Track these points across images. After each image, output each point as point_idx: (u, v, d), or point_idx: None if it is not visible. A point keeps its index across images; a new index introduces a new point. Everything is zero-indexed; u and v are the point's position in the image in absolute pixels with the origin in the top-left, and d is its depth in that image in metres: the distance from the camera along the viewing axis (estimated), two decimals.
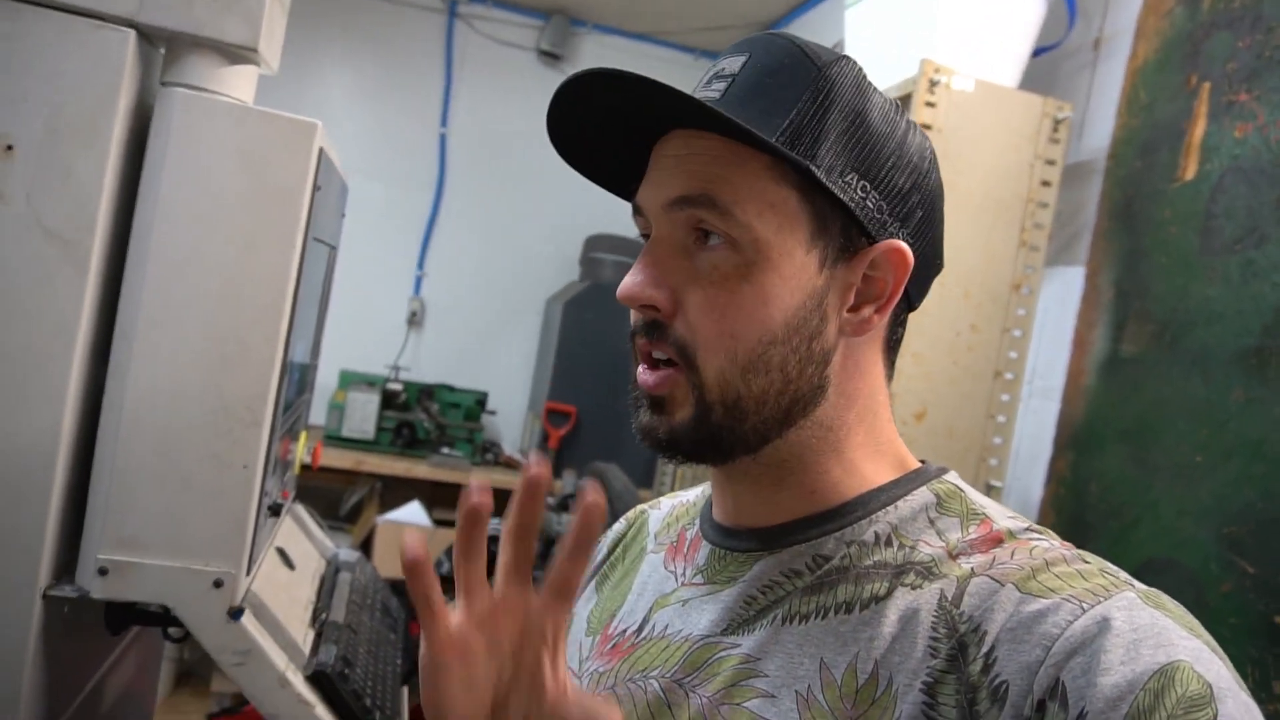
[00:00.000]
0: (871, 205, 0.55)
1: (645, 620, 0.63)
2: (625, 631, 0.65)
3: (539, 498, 0.47)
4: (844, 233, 0.55)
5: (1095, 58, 1.71)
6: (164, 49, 0.91)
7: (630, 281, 0.56)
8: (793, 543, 0.57)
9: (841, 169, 0.54)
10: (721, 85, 0.56)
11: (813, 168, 0.53)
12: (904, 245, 0.56)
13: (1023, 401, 1.71)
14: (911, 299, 0.59)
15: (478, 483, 0.47)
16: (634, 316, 0.58)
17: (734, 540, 0.61)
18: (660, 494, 3.43)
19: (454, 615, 0.48)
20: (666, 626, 0.61)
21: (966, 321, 1.61)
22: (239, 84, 0.91)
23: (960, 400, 1.61)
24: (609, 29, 3.66)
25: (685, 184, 0.55)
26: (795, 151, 0.53)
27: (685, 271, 0.55)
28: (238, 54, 0.89)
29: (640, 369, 0.58)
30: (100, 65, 0.83)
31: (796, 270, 0.54)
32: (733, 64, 0.56)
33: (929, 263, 0.59)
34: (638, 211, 0.59)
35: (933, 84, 1.54)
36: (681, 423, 0.56)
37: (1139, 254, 1.51)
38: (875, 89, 0.57)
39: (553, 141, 0.61)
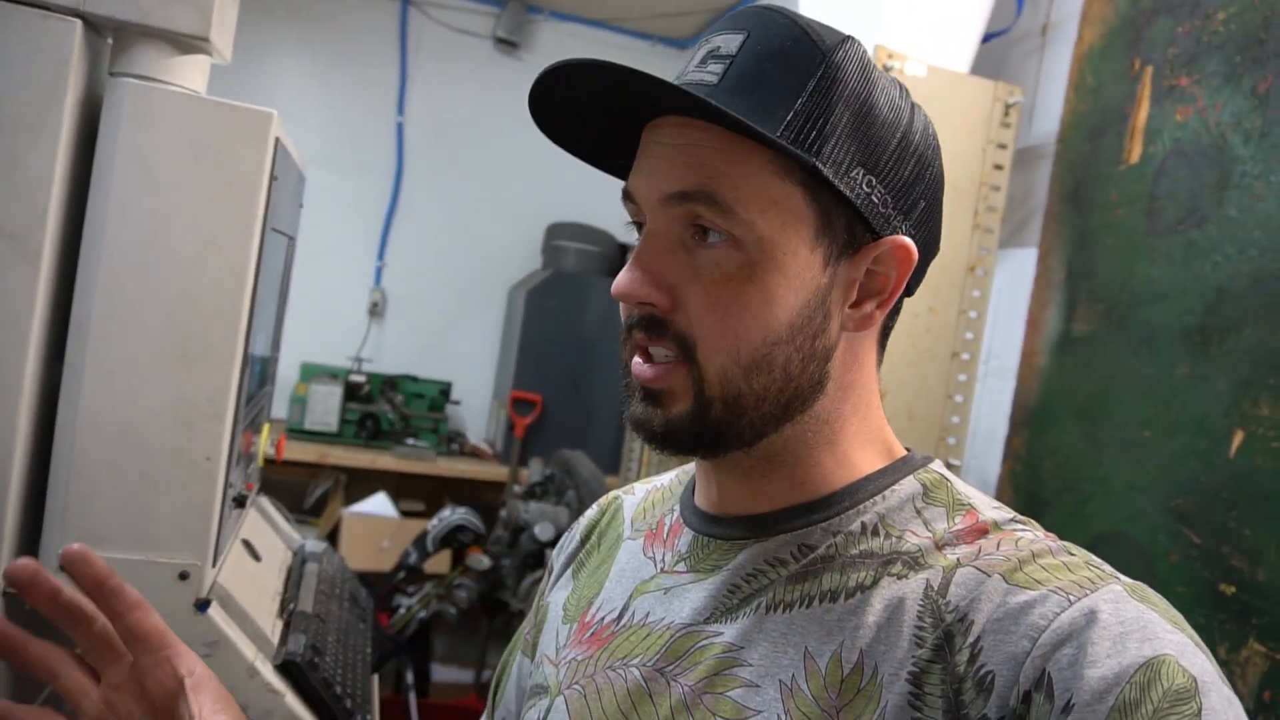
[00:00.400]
0: (877, 200, 0.53)
1: (625, 607, 0.63)
2: (604, 619, 0.64)
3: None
4: (848, 229, 0.54)
5: (1043, 43, 1.75)
6: (111, 39, 0.89)
7: (627, 279, 0.54)
8: (779, 532, 0.57)
9: (848, 164, 0.52)
10: (718, 68, 0.53)
11: (819, 166, 0.51)
12: (909, 242, 0.54)
13: (979, 381, 1.75)
14: (910, 288, 0.57)
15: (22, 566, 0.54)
16: (626, 311, 0.57)
17: (718, 528, 0.60)
18: (627, 481, 3.44)
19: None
20: (648, 614, 0.60)
21: (924, 304, 1.64)
22: (191, 74, 0.90)
23: (919, 381, 1.65)
24: (566, 16, 3.65)
25: (684, 178, 0.52)
26: (800, 146, 0.51)
27: (684, 267, 0.54)
28: (188, 43, 0.88)
29: (636, 360, 0.56)
30: (46, 56, 0.82)
31: (800, 269, 0.53)
32: (729, 43, 0.53)
33: (928, 250, 0.58)
34: (628, 198, 0.57)
35: (886, 69, 1.56)
36: (678, 416, 0.55)
37: (1088, 235, 1.55)
38: (880, 71, 0.55)
39: (535, 119, 0.58)
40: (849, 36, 0.54)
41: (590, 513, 0.77)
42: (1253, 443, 1.21)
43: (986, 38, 1.73)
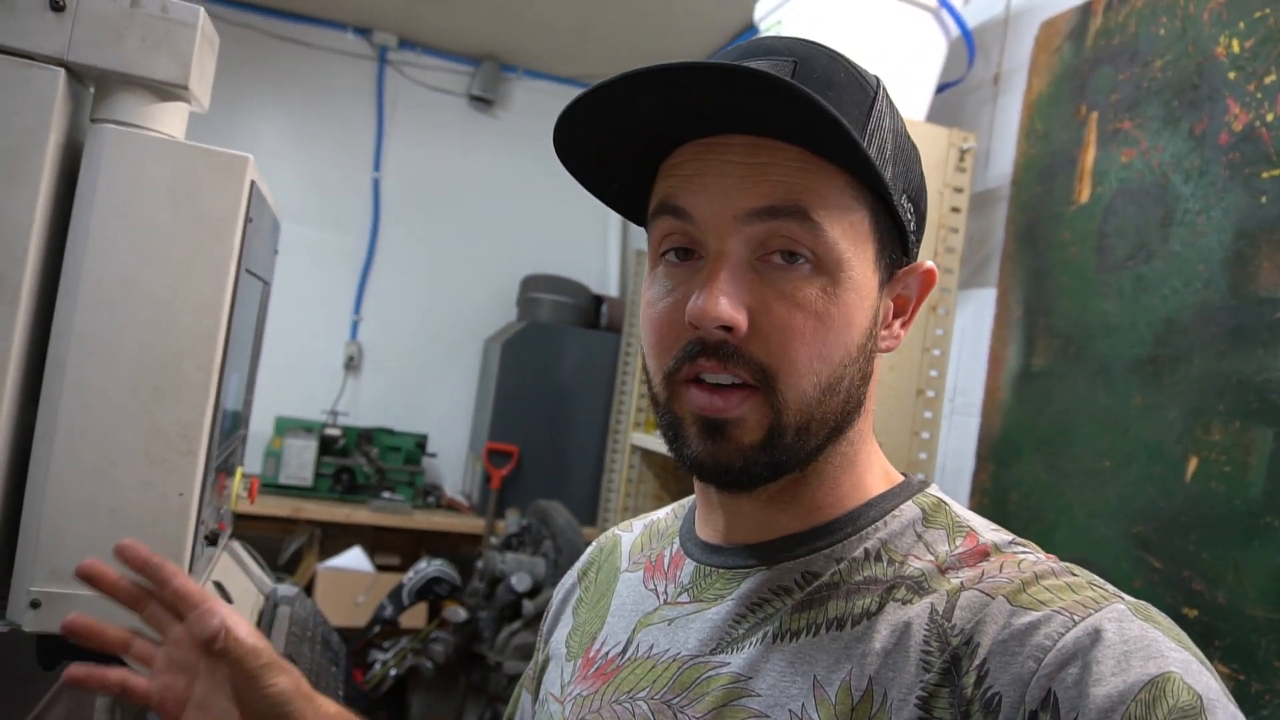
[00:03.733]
0: (913, 226, 0.57)
1: (629, 641, 0.62)
2: (609, 653, 0.63)
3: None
4: (893, 253, 0.56)
5: (995, 92, 1.82)
6: (93, 87, 0.92)
7: (708, 300, 0.51)
8: (782, 560, 0.57)
9: (899, 190, 0.54)
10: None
11: (893, 190, 0.53)
12: (934, 265, 0.58)
13: (945, 418, 1.78)
14: None
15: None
16: (671, 338, 0.54)
17: (721, 558, 0.60)
18: (604, 531, 3.41)
19: None
20: (652, 646, 0.60)
21: None
22: (170, 120, 0.93)
23: (886, 418, 1.68)
24: (539, 74, 3.74)
25: (771, 194, 0.51)
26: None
27: (761, 290, 0.52)
28: (168, 91, 0.91)
29: (696, 391, 0.53)
30: (29, 104, 0.85)
31: (868, 291, 0.54)
32: (779, 69, 0.52)
33: None
34: (674, 215, 0.54)
35: None
36: (750, 447, 0.53)
37: (1043, 273, 1.61)
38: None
39: (560, 128, 0.55)
40: (874, 73, 0.57)
41: (589, 551, 0.78)
42: (1207, 467, 1.24)
43: (941, 87, 1.80)
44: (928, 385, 1.71)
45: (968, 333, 1.79)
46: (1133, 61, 1.47)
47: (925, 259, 0.59)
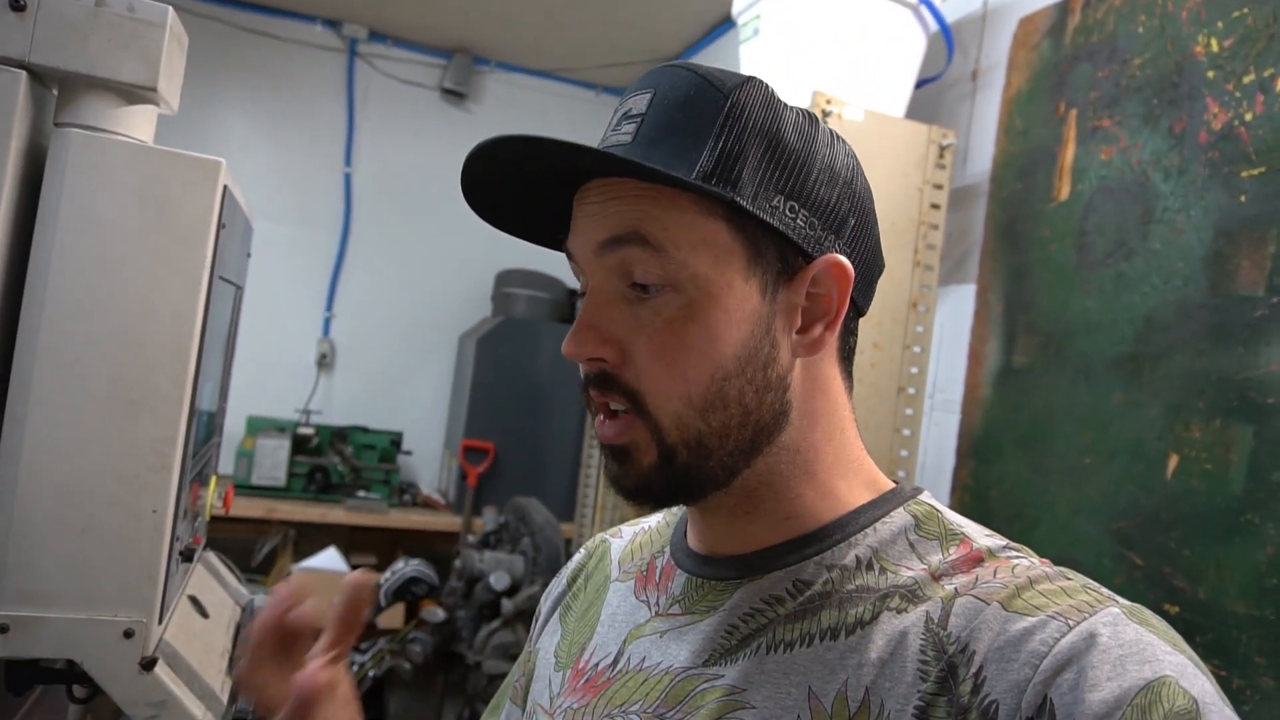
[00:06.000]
0: (802, 224, 0.54)
1: (620, 653, 0.62)
2: (599, 665, 0.63)
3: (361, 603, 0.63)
4: (780, 256, 0.55)
5: (974, 88, 1.82)
6: (57, 90, 0.89)
7: (574, 338, 0.55)
8: (772, 569, 0.56)
9: (766, 193, 0.53)
10: (631, 127, 0.55)
11: (737, 198, 0.52)
12: (842, 259, 0.55)
13: (926, 415, 1.78)
14: (859, 306, 0.59)
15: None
16: (583, 368, 0.57)
17: (711, 568, 0.60)
18: (582, 527, 3.40)
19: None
20: (644, 659, 0.59)
21: (869, 340, 1.68)
22: (138, 123, 0.90)
23: (866, 416, 1.68)
24: (512, 67, 3.70)
25: (614, 225, 0.54)
26: (716, 183, 0.52)
27: (628, 320, 0.55)
28: (136, 93, 0.88)
29: (599, 420, 0.57)
30: None
31: (739, 301, 0.54)
32: (639, 102, 0.56)
33: (870, 266, 0.59)
34: (572, 258, 0.59)
35: (825, 114, 1.61)
36: (648, 469, 0.55)
37: (1023, 270, 1.61)
38: (786, 105, 0.57)
39: (470, 204, 0.60)
40: (751, 77, 0.56)
41: (577, 556, 0.77)
42: (1187, 465, 1.25)
43: (920, 84, 1.80)
44: (908, 382, 1.71)
45: (947, 329, 1.79)
46: (1112, 59, 1.47)
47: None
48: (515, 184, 0.59)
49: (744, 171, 0.53)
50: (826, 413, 0.58)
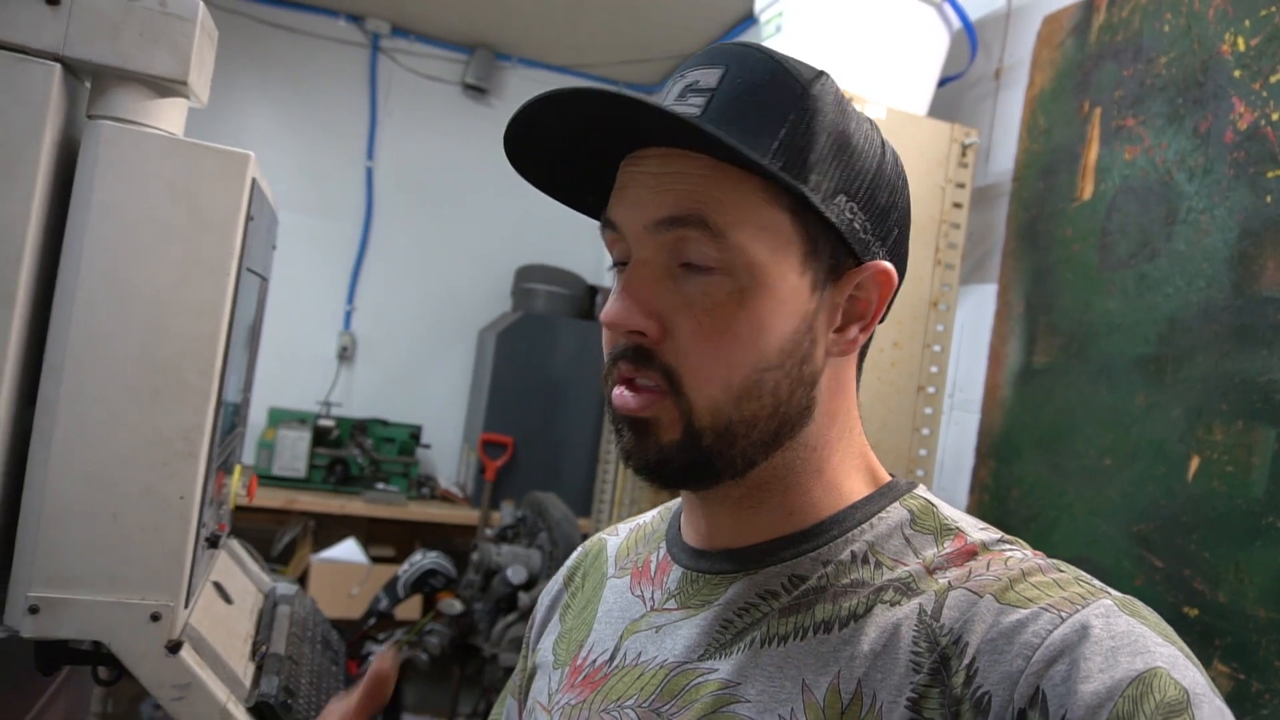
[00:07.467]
0: (859, 226, 0.55)
1: (616, 648, 0.62)
2: (596, 661, 0.63)
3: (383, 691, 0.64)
4: (833, 255, 0.55)
5: (997, 87, 1.81)
6: (89, 83, 0.90)
7: (617, 307, 0.53)
8: (768, 564, 0.56)
9: (831, 191, 0.53)
10: (700, 100, 0.53)
11: (807, 192, 0.52)
12: (890, 267, 0.56)
13: (945, 414, 1.78)
14: (883, 314, 0.59)
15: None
16: (610, 341, 0.56)
17: (707, 562, 0.60)
18: (599, 523, 3.40)
19: None
20: (640, 654, 0.60)
21: (889, 339, 1.68)
22: (168, 116, 0.91)
23: (886, 414, 1.67)
24: (533, 62, 3.71)
25: (675, 204, 0.53)
26: (787, 173, 0.52)
27: (673, 296, 0.53)
28: (167, 87, 0.90)
29: (617, 391, 0.55)
30: (24, 99, 0.83)
31: (790, 294, 0.53)
32: (708, 77, 0.54)
33: (901, 278, 0.60)
34: (609, 227, 0.56)
35: None
36: (670, 445, 0.54)
37: (1045, 270, 1.60)
38: (853, 106, 0.57)
39: (509, 154, 0.57)
40: (823, 71, 0.56)
41: (575, 555, 0.77)
42: (1208, 467, 1.24)
43: (943, 81, 1.79)
44: (928, 381, 1.71)
45: (968, 329, 1.78)
46: (1136, 58, 1.46)
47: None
48: (557, 139, 0.56)
49: (814, 166, 0.53)
50: (843, 412, 0.59)
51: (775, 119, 0.53)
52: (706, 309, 0.53)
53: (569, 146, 0.57)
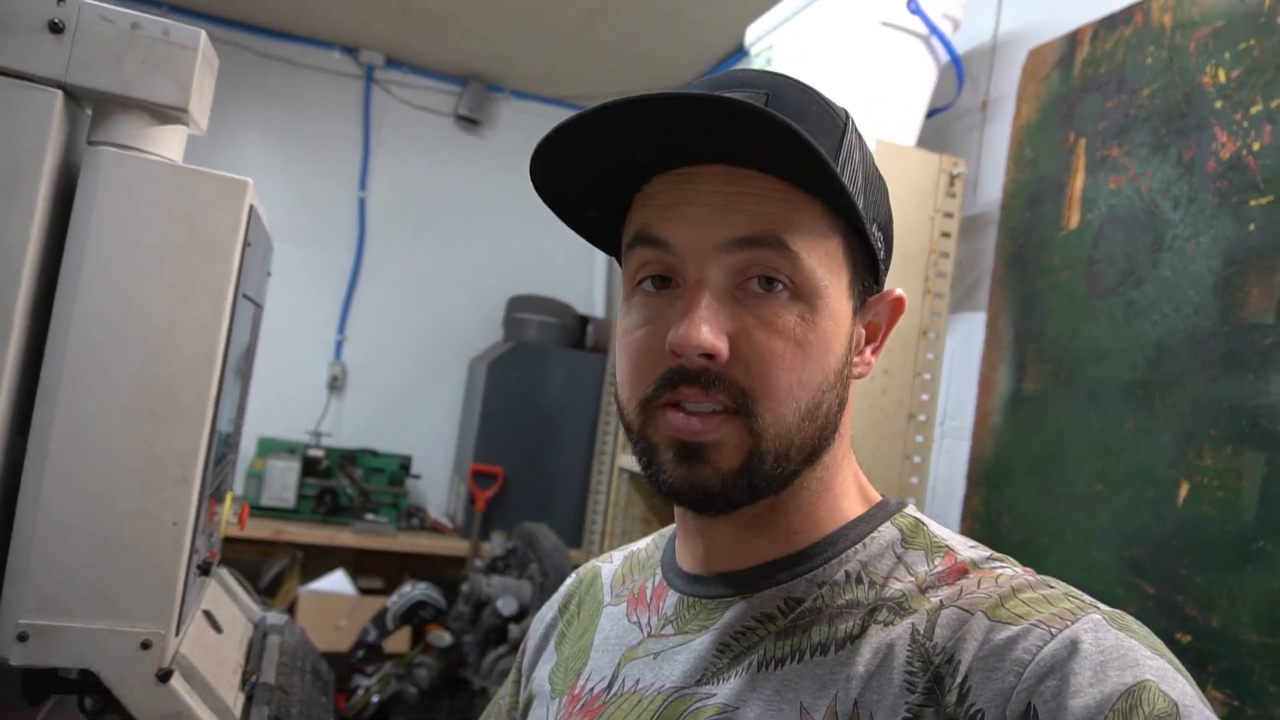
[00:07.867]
0: (884, 255, 0.58)
1: (614, 676, 0.62)
2: (594, 689, 0.63)
3: None
4: (863, 280, 0.58)
5: (983, 118, 1.84)
6: (91, 109, 0.91)
7: (690, 328, 0.51)
8: (764, 586, 0.57)
9: (869, 219, 0.56)
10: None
11: (869, 221, 0.55)
12: (903, 294, 0.60)
13: (936, 442, 1.79)
14: None
15: None
16: (652, 364, 0.54)
17: (703, 587, 0.60)
18: (590, 553, 3.40)
19: None
20: (638, 680, 0.60)
21: (879, 367, 1.69)
22: (168, 143, 0.92)
23: (877, 442, 1.68)
24: (525, 95, 3.75)
25: (749, 224, 0.52)
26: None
27: (741, 317, 0.53)
28: (167, 114, 0.90)
29: (676, 415, 0.53)
30: (26, 125, 0.83)
31: (844, 318, 0.55)
32: (751, 100, 0.51)
33: None
34: (651, 245, 0.55)
35: None
36: (728, 472, 0.53)
37: (1033, 298, 1.62)
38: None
39: (542, 155, 0.55)
40: (842, 106, 0.59)
41: (569, 582, 0.77)
42: (1198, 492, 1.25)
43: (931, 113, 1.82)
44: (919, 409, 1.72)
45: (958, 357, 1.80)
46: (1120, 90, 1.49)
47: (907, 284, 0.61)
48: (598, 150, 0.54)
49: (859, 194, 0.54)
50: (847, 432, 0.60)
51: (827, 146, 0.53)
52: (779, 329, 0.53)
53: (597, 162, 0.55)
